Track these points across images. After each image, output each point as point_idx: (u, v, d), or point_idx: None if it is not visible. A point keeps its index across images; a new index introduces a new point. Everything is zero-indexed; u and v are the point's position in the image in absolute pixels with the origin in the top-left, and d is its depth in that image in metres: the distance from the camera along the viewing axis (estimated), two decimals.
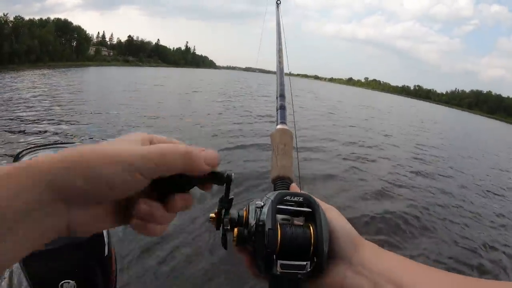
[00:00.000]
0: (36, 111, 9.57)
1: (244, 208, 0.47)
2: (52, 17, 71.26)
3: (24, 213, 0.26)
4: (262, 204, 0.44)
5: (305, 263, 0.42)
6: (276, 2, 1.26)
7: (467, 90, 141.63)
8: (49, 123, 8.10)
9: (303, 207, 0.46)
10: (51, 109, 10.03)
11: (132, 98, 14.93)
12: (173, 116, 11.24)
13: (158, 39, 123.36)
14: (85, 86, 19.63)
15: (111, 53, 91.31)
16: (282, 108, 0.67)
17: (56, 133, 7.15)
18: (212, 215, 0.45)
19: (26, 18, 53.83)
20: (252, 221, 0.43)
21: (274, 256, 0.41)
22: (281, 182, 0.56)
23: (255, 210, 0.44)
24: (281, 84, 0.72)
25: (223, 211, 0.44)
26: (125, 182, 0.30)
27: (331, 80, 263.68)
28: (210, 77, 54.06)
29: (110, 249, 1.11)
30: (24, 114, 8.97)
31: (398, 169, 7.88)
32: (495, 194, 7.49)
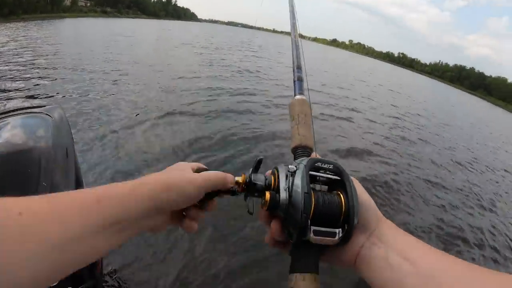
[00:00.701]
0: (9, 68, 8.23)
1: (270, 173, 0.48)
2: None
3: (139, 219, 0.41)
4: (295, 169, 0.44)
5: (336, 230, 0.42)
6: None
7: (451, 64, 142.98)
8: (22, 81, 7.00)
9: (331, 175, 0.46)
10: (25, 66, 8.69)
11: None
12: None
13: None
14: (59, 42, 15.54)
15: (88, 4, 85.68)
16: (299, 80, 0.68)
17: (30, 94, 6.19)
18: (239, 179, 0.48)
19: None
20: (283, 186, 0.43)
21: (309, 221, 0.40)
22: (302, 151, 0.55)
23: (287, 175, 0.44)
24: (297, 56, 0.72)
25: (251, 174, 0.48)
26: (196, 195, 0.46)
27: (315, 39, 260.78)
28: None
29: None
30: None
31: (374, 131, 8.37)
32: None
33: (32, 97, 5.97)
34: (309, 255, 0.42)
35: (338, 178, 0.45)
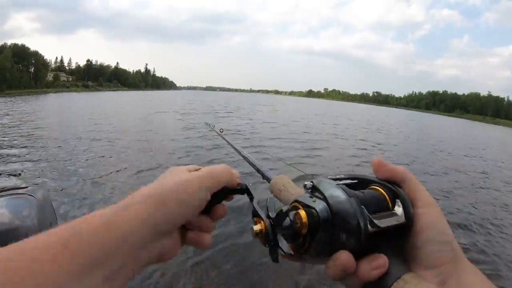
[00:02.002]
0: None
1: (288, 209, 0.37)
2: (9, 42, 68.20)
3: (134, 252, 0.31)
4: (312, 183, 0.37)
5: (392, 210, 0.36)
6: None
7: (424, 91, 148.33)
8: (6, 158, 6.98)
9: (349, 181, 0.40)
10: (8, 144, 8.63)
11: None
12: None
13: (118, 63, 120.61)
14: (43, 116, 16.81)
15: (70, 79, 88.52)
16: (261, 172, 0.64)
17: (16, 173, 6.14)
18: (257, 227, 0.38)
19: None
20: (310, 201, 0.35)
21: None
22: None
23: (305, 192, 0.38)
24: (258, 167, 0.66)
25: (270, 220, 0.38)
26: (201, 199, 0.37)
27: (291, 93, 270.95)
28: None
29: None
30: None
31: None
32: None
33: (17, 175, 5.99)
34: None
35: (356, 180, 0.40)
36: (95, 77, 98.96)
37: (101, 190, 5.36)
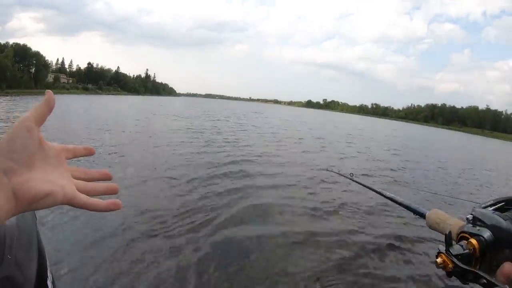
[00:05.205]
0: None
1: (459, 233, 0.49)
2: (11, 41, 68.23)
3: None
4: (472, 215, 0.48)
5: None
6: None
7: (423, 104, 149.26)
8: None
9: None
10: None
11: None
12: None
13: (118, 67, 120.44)
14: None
15: (70, 81, 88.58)
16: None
17: None
18: (440, 259, 0.48)
19: None
20: (474, 230, 0.46)
21: None
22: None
23: (468, 223, 0.48)
24: None
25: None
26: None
27: (290, 103, 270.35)
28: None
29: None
30: None
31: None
32: None
33: None
34: None
35: (503, 202, 0.51)
36: (95, 80, 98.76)
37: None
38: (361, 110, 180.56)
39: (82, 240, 3.50)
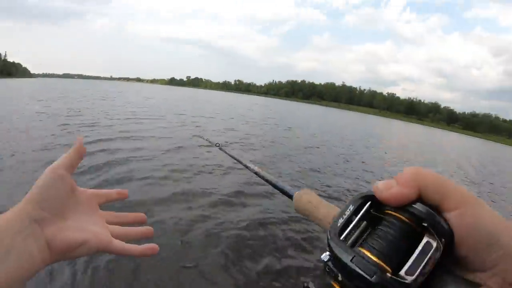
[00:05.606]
0: None
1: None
2: None
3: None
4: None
5: None
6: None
7: (284, 81, 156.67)
8: None
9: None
10: None
11: None
12: None
13: None
14: None
15: None
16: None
17: None
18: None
19: None
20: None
21: None
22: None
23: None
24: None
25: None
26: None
27: (153, 81, 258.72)
28: None
29: None
30: None
31: None
32: None
33: None
34: None
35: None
36: None
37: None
38: (225, 86, 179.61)
39: None
